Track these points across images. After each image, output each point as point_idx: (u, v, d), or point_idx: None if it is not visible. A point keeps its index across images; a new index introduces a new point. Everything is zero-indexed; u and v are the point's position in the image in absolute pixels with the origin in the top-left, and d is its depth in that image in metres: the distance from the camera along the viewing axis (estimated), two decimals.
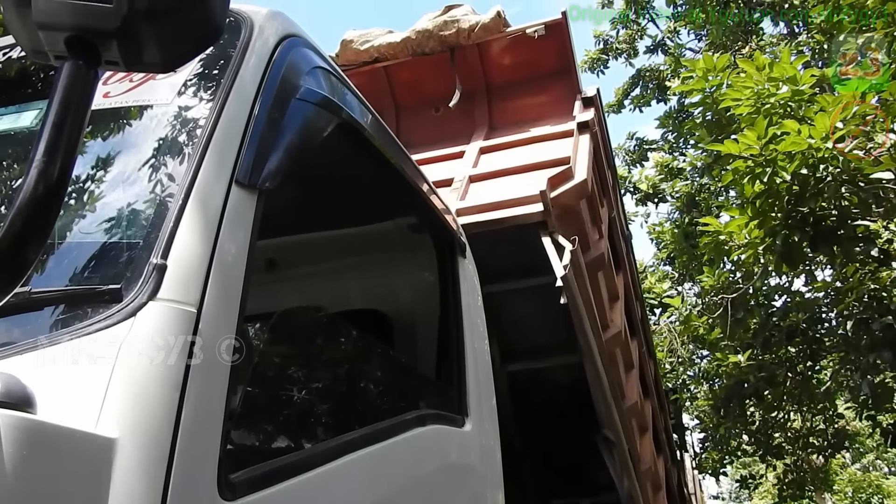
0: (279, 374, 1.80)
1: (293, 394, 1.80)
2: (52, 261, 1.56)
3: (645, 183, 12.74)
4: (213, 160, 1.56)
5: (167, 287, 1.38)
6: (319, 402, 1.87)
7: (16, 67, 2.08)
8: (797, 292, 9.52)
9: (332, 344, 2.03)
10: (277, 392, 1.76)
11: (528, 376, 4.15)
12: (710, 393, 11.20)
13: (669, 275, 12.64)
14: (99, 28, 1.09)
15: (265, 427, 1.66)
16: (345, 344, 2.12)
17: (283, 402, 1.75)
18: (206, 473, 1.32)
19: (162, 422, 1.28)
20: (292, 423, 1.73)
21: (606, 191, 5.41)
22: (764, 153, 5.44)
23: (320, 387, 1.92)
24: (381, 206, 2.79)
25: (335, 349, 2.05)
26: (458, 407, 2.41)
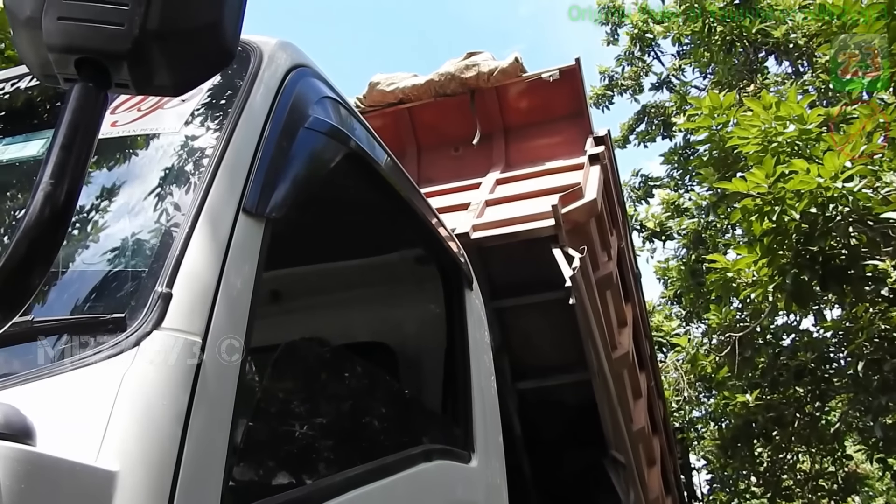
0: (284, 407, 1.76)
1: (298, 428, 1.76)
2: (56, 289, 1.54)
3: (652, 221, 12.74)
4: (220, 188, 1.55)
5: (172, 316, 1.36)
6: (324, 436, 1.83)
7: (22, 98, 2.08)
8: (805, 331, 9.44)
9: (337, 377, 2.00)
10: (282, 426, 1.72)
11: (538, 395, 4.22)
12: (718, 433, 11.06)
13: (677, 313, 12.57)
14: (110, 50, 1.08)
15: (269, 462, 1.62)
16: (350, 377, 2.09)
17: (287, 437, 1.71)
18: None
19: (164, 455, 1.25)
20: (297, 457, 1.69)
21: (616, 222, 5.55)
22: (772, 191, 5.44)
23: (325, 420, 1.88)
24: (388, 237, 2.77)
25: (340, 382, 2.02)
26: (464, 442, 2.37)
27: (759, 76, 11.92)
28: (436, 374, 2.65)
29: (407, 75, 5.80)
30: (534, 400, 4.25)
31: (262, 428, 1.62)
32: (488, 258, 3.90)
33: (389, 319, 3.05)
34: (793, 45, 11.09)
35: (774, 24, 10.81)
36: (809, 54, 11.05)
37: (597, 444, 4.20)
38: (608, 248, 4.97)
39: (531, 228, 3.85)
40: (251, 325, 1.48)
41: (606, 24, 15.01)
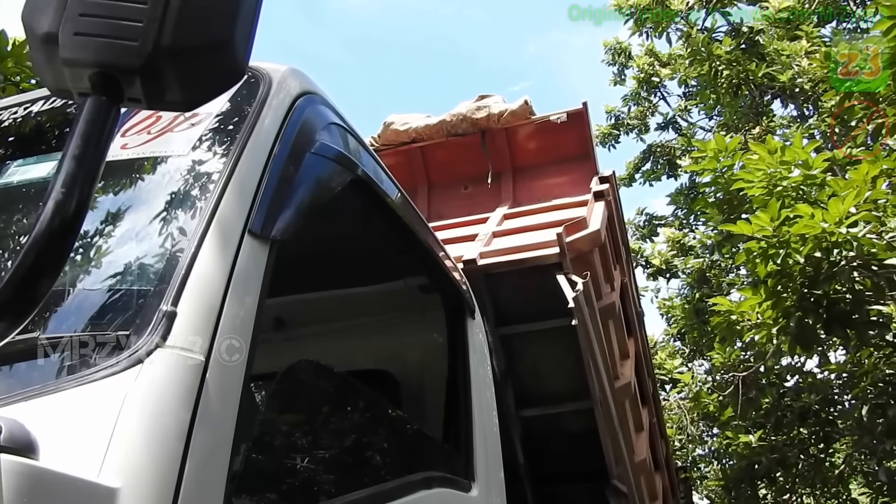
0: (285, 430, 1.77)
1: (299, 451, 1.76)
2: (62, 306, 1.56)
3: (658, 258, 12.75)
4: (227, 210, 1.57)
5: (176, 335, 1.37)
6: (325, 460, 1.83)
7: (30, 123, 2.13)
8: (810, 373, 9.37)
9: (339, 403, 2.00)
10: (283, 448, 1.72)
11: (541, 422, 4.28)
12: (721, 473, 10.92)
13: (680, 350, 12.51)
14: (123, 65, 1.11)
15: (269, 484, 1.62)
16: (352, 403, 2.09)
17: (288, 459, 1.71)
18: None
19: (165, 473, 1.26)
20: (297, 480, 1.69)
21: (619, 258, 5.64)
22: (777, 234, 5.46)
23: (326, 444, 1.88)
24: (391, 265, 2.80)
25: (342, 408, 2.02)
26: (465, 471, 2.36)
27: (764, 119, 12.02)
28: (437, 402, 2.65)
29: (420, 116, 5.99)
30: (537, 428, 4.29)
31: (263, 449, 1.62)
32: (494, 285, 3.98)
33: (391, 347, 3.06)
34: (799, 89, 11.19)
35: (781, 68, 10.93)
36: (815, 99, 11.15)
37: (599, 473, 4.22)
38: (611, 281, 5.04)
39: (536, 256, 3.95)
40: (255, 346, 1.49)
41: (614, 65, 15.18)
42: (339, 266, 2.85)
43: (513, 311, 4.10)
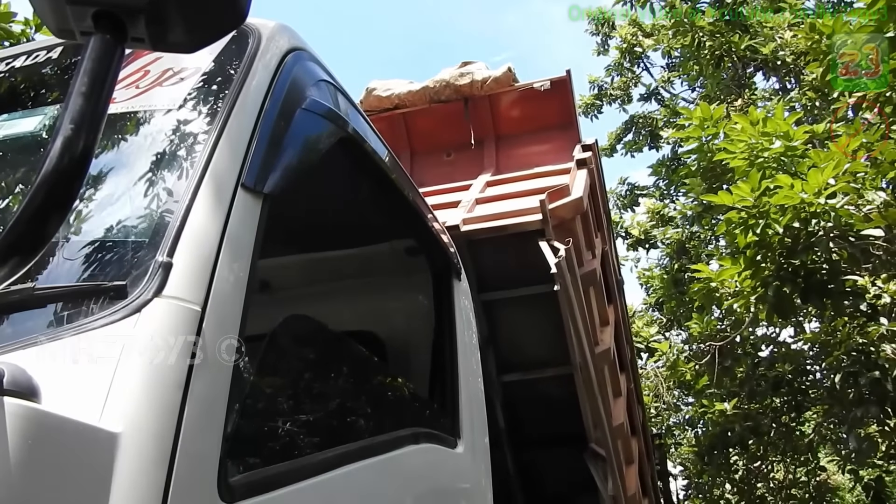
0: (280, 382, 1.79)
1: (292, 403, 1.79)
2: (58, 258, 1.56)
3: (637, 228, 12.86)
4: (219, 163, 1.58)
5: (172, 285, 1.38)
6: (318, 412, 1.87)
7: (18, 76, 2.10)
8: (784, 343, 9.56)
9: (331, 357, 2.03)
10: (277, 400, 1.75)
11: (522, 388, 4.35)
12: (695, 440, 11.16)
13: (657, 320, 12.67)
14: (128, 4, 1.11)
15: (265, 433, 1.65)
16: (343, 359, 2.12)
17: (282, 411, 1.74)
18: (207, 474, 1.31)
19: (165, 420, 1.28)
20: (291, 431, 1.72)
21: (601, 226, 5.69)
22: (757, 205, 5.53)
23: (319, 398, 1.91)
24: (380, 226, 2.80)
25: (334, 363, 2.05)
26: (451, 429, 2.41)
27: (747, 91, 12.07)
28: (424, 361, 2.69)
29: (403, 82, 5.98)
30: (518, 393, 4.37)
31: (258, 400, 1.65)
32: (477, 252, 4.01)
33: (378, 308, 3.08)
34: (781, 62, 11.23)
35: (763, 41, 10.96)
36: (797, 72, 11.21)
37: (577, 437, 4.30)
38: (592, 248, 5.10)
39: (519, 222, 3.99)
40: (250, 296, 1.51)
41: (597, 35, 15.13)
42: (327, 226, 2.85)
43: (495, 277, 4.16)
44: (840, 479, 14.59)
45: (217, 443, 1.35)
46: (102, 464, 1.19)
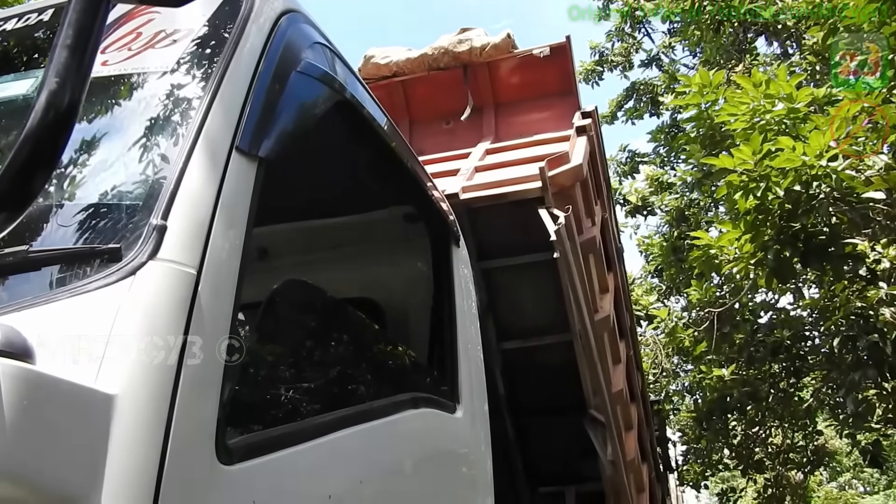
0: (277, 346, 1.79)
1: (290, 367, 1.79)
2: (53, 221, 1.55)
3: (635, 195, 12.81)
4: (213, 126, 1.56)
5: (167, 248, 1.37)
6: (316, 376, 1.87)
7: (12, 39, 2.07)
8: (783, 309, 9.58)
9: (330, 322, 2.03)
10: (275, 364, 1.75)
11: (521, 355, 4.38)
12: (694, 406, 11.24)
13: (657, 287, 12.70)
14: None
15: (263, 396, 1.65)
16: (341, 324, 2.11)
17: (280, 374, 1.74)
18: (205, 436, 1.31)
19: (161, 382, 1.27)
20: (289, 394, 1.72)
21: (601, 193, 5.66)
22: (758, 169, 5.49)
23: (317, 362, 1.91)
24: (377, 191, 2.78)
25: (332, 327, 2.04)
26: (450, 394, 2.41)
27: (747, 56, 11.94)
28: (423, 328, 2.69)
29: (402, 49, 5.90)
30: (517, 360, 4.39)
31: (256, 363, 1.65)
32: (476, 220, 4.00)
33: (377, 275, 3.08)
34: (782, 26, 11.10)
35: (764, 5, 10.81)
36: (798, 36, 11.07)
37: (577, 403, 4.33)
38: (592, 215, 5.09)
39: (518, 190, 3.97)
40: (246, 260, 1.50)
41: None
42: (324, 192, 2.83)
43: (495, 245, 4.16)
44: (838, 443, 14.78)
45: (214, 405, 1.35)
46: (98, 425, 1.18)
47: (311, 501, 1.56)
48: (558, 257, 3.84)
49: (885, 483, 24.35)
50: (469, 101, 5.60)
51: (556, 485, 4.86)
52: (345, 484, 1.69)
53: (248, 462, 1.40)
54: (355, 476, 1.74)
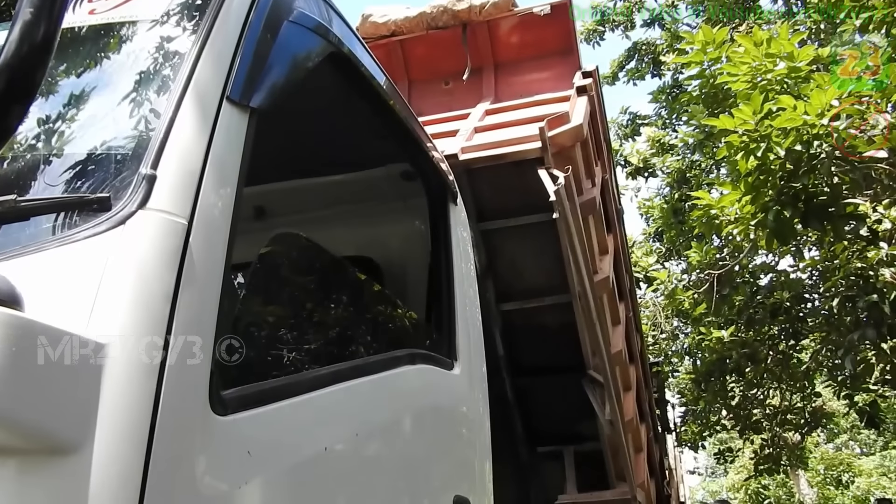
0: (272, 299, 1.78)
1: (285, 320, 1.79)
2: (41, 171, 1.53)
3: (636, 157, 12.72)
4: (203, 75, 1.53)
5: (157, 197, 1.35)
6: (311, 331, 1.86)
7: None
8: (783, 272, 9.57)
9: (325, 276, 2.02)
10: (270, 317, 1.74)
11: (520, 316, 4.39)
12: (692, 367, 11.31)
13: (657, 250, 12.68)
14: None
15: (258, 348, 1.65)
16: (338, 277, 2.10)
17: (275, 327, 1.73)
18: (198, 387, 1.31)
19: (153, 331, 1.26)
20: (285, 347, 1.72)
21: (601, 154, 5.63)
22: (759, 129, 5.44)
23: (312, 315, 1.91)
24: (373, 147, 2.75)
25: (329, 281, 2.03)
26: (447, 351, 2.41)
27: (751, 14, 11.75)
28: (420, 285, 2.68)
29: (400, 8, 5.81)
30: (517, 321, 4.41)
31: (251, 316, 1.64)
32: (476, 181, 3.97)
33: (374, 233, 3.06)
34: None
35: None
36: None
37: (576, 364, 4.34)
38: (592, 176, 5.06)
39: (518, 150, 3.94)
40: (238, 212, 1.48)
41: None
42: (321, 150, 2.80)
43: (494, 206, 4.14)
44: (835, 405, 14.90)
45: (208, 356, 1.34)
46: (90, 374, 1.18)
47: (306, 453, 1.56)
48: (557, 218, 3.82)
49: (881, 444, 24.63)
50: (468, 62, 5.53)
51: (555, 444, 4.90)
52: (341, 437, 1.70)
53: (242, 413, 1.39)
54: (351, 430, 1.74)
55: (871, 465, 23.76)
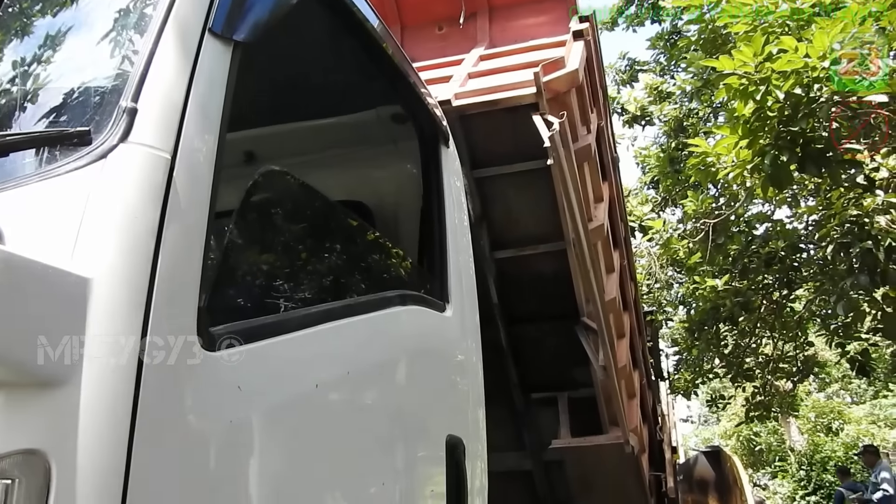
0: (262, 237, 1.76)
1: (274, 258, 1.77)
2: (20, 107, 1.50)
3: (633, 104, 12.56)
4: (184, 7, 1.49)
5: (139, 131, 1.33)
6: (301, 270, 1.85)
7: None
8: (779, 221, 9.56)
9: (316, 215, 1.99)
10: (259, 255, 1.73)
11: (514, 264, 4.36)
12: (686, 316, 11.37)
13: (652, 199, 12.62)
14: None
15: (247, 286, 1.63)
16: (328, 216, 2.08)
17: (264, 265, 1.72)
18: (186, 322, 1.30)
19: (137, 266, 1.25)
20: (274, 285, 1.71)
21: (597, 100, 5.54)
22: (759, 71, 5.35)
23: (302, 255, 1.89)
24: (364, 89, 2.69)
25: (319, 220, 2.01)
26: (439, 293, 2.40)
27: None
28: (412, 228, 2.66)
29: None
30: (511, 269, 4.38)
31: (239, 253, 1.62)
32: (469, 127, 3.91)
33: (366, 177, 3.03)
34: None
35: None
36: None
37: (570, 312, 4.33)
38: (588, 123, 4.98)
39: (513, 96, 3.85)
40: (222, 145, 1.45)
41: None
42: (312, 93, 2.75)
43: (488, 153, 4.08)
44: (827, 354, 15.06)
45: (195, 291, 1.33)
46: (74, 308, 1.16)
47: (297, 389, 1.56)
48: (552, 164, 3.78)
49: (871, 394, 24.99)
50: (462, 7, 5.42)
51: (549, 391, 4.93)
52: (332, 375, 1.70)
53: (232, 349, 1.39)
54: (343, 368, 1.74)
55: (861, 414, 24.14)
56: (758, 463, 23.23)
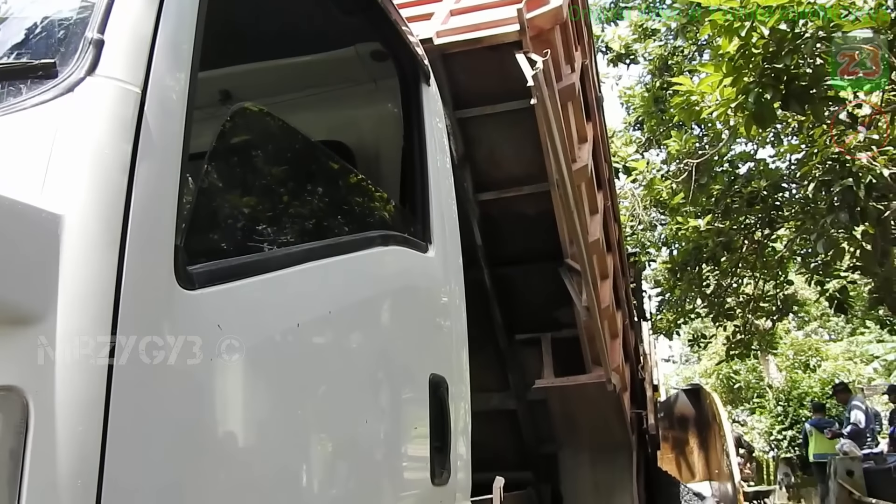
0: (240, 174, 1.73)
1: (253, 197, 1.74)
2: None
3: (618, 42, 12.39)
4: None
5: (106, 63, 1.28)
6: (282, 209, 1.82)
7: None
8: (762, 160, 9.58)
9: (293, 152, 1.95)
10: (237, 193, 1.69)
11: (498, 206, 4.34)
12: (669, 257, 11.46)
13: (637, 139, 12.58)
14: None
15: (225, 224, 1.61)
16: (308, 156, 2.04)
17: (243, 204, 1.69)
18: (162, 260, 1.28)
19: (110, 202, 1.22)
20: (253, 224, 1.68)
21: (581, 38, 5.44)
22: (744, 6, 5.28)
23: (283, 195, 1.86)
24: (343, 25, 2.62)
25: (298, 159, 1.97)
26: (422, 234, 2.38)
27: None
28: (394, 169, 2.62)
29: None
30: (494, 210, 4.36)
31: (215, 193, 1.59)
32: (452, 66, 3.83)
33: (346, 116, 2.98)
34: None
35: None
36: None
37: (553, 253, 4.34)
38: (572, 62, 4.90)
39: (495, 34, 3.77)
40: (195, 80, 1.40)
41: None
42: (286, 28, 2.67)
43: (470, 93, 4.01)
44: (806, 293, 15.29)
45: (171, 229, 1.30)
46: (47, 245, 1.14)
47: (278, 328, 1.55)
48: (535, 104, 3.72)
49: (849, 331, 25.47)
50: None
51: (533, 332, 4.97)
52: (313, 314, 1.69)
53: (211, 288, 1.37)
54: (324, 307, 1.74)
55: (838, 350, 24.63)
56: (737, 400, 23.79)
